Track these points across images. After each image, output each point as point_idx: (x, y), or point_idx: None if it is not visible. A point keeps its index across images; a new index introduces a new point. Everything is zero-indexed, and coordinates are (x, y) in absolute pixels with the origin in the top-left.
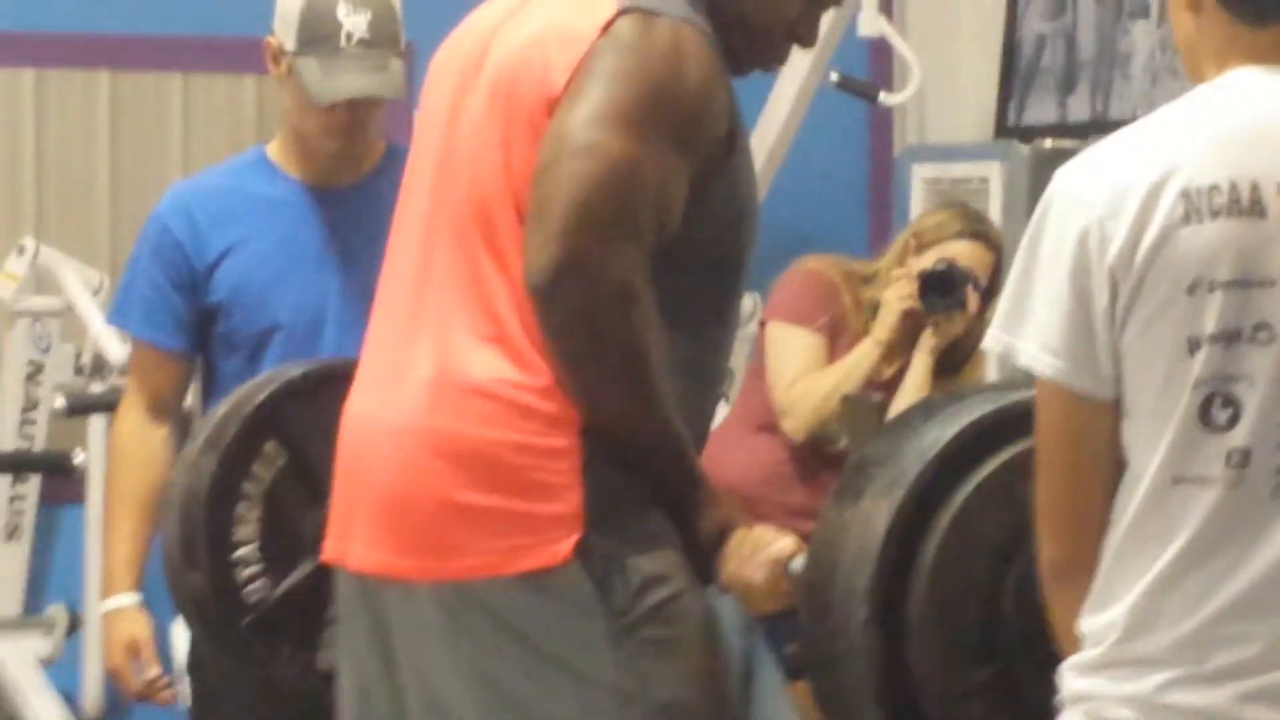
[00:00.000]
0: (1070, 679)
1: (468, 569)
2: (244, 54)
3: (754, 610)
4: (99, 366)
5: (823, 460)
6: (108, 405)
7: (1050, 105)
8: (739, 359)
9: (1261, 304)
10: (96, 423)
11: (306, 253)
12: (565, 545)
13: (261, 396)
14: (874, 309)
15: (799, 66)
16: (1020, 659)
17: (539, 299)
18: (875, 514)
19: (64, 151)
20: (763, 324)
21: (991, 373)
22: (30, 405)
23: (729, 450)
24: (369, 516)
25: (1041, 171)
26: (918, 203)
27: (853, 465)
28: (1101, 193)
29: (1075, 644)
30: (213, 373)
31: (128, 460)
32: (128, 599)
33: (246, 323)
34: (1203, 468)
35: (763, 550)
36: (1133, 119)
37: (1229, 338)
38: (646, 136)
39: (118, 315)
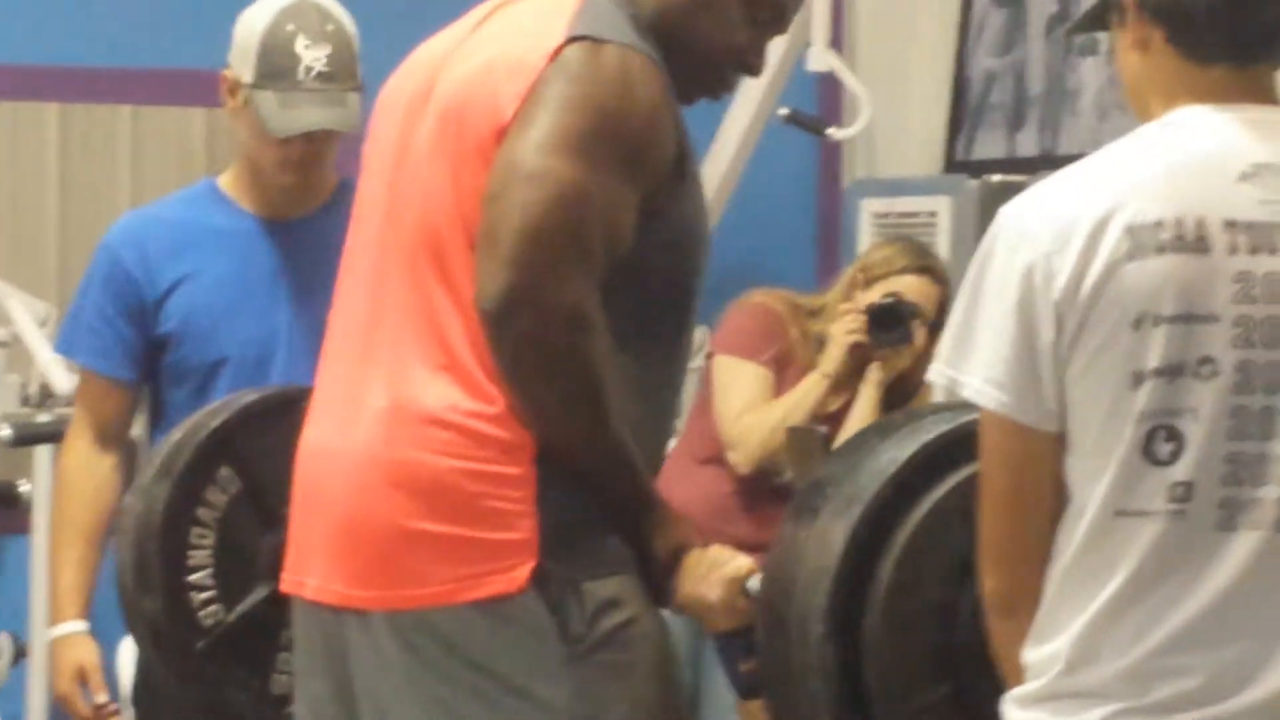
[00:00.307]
0: (1013, 711)
1: (424, 598)
2: (193, 87)
3: (710, 628)
4: (45, 397)
5: (769, 493)
6: (54, 436)
7: (999, 140)
8: (686, 391)
9: (1205, 339)
10: (42, 453)
11: (258, 285)
12: (521, 572)
13: (215, 422)
14: (821, 343)
15: (749, 100)
16: (976, 679)
17: (491, 325)
18: (832, 532)
19: (12, 183)
20: (710, 356)
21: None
22: None
23: (675, 482)
24: (325, 546)
25: (990, 206)
26: (866, 236)
27: (810, 484)
28: (1047, 228)
29: (1019, 675)
30: (160, 403)
31: (75, 489)
32: (76, 626)
33: (196, 354)
34: (1145, 501)
35: (719, 569)
36: (1081, 154)
37: (1173, 372)
38: (595, 163)
39: (65, 344)
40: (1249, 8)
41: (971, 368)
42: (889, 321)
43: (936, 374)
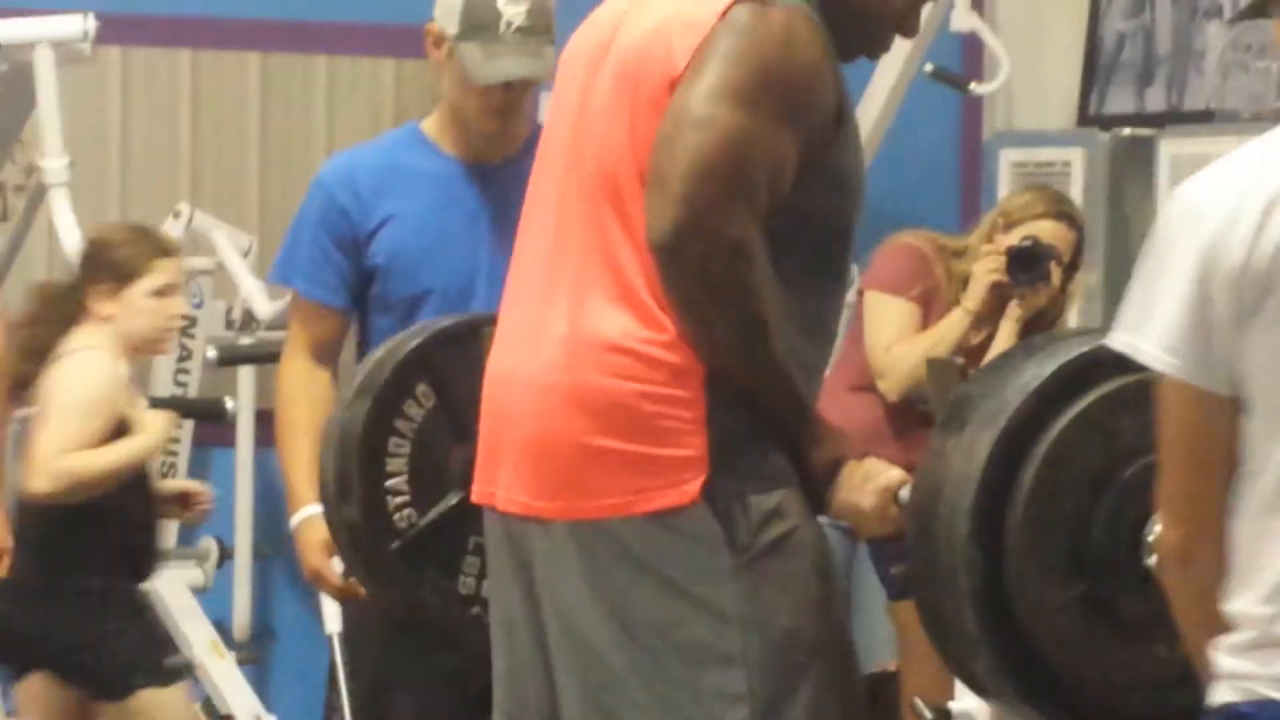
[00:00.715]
0: (1223, 659)
1: (602, 509)
2: (383, 39)
3: (864, 535)
4: (248, 321)
5: (916, 418)
6: (256, 358)
7: (1129, 96)
8: (840, 324)
9: None
10: (245, 373)
11: (460, 223)
12: (692, 486)
13: (414, 343)
14: (964, 281)
15: (896, 58)
16: (1108, 580)
17: (661, 256)
18: (978, 441)
19: (217, 126)
20: (861, 293)
21: None
22: (184, 356)
23: (829, 408)
24: (512, 462)
25: (1120, 157)
26: (1005, 184)
27: (958, 397)
28: (1221, 207)
29: (1195, 620)
30: (367, 330)
31: (299, 398)
32: (314, 509)
33: (402, 286)
34: None
35: (873, 480)
36: (1205, 110)
37: None
38: (758, 110)
39: (281, 272)
40: None
41: (1149, 335)
42: (1027, 262)
43: (1116, 340)
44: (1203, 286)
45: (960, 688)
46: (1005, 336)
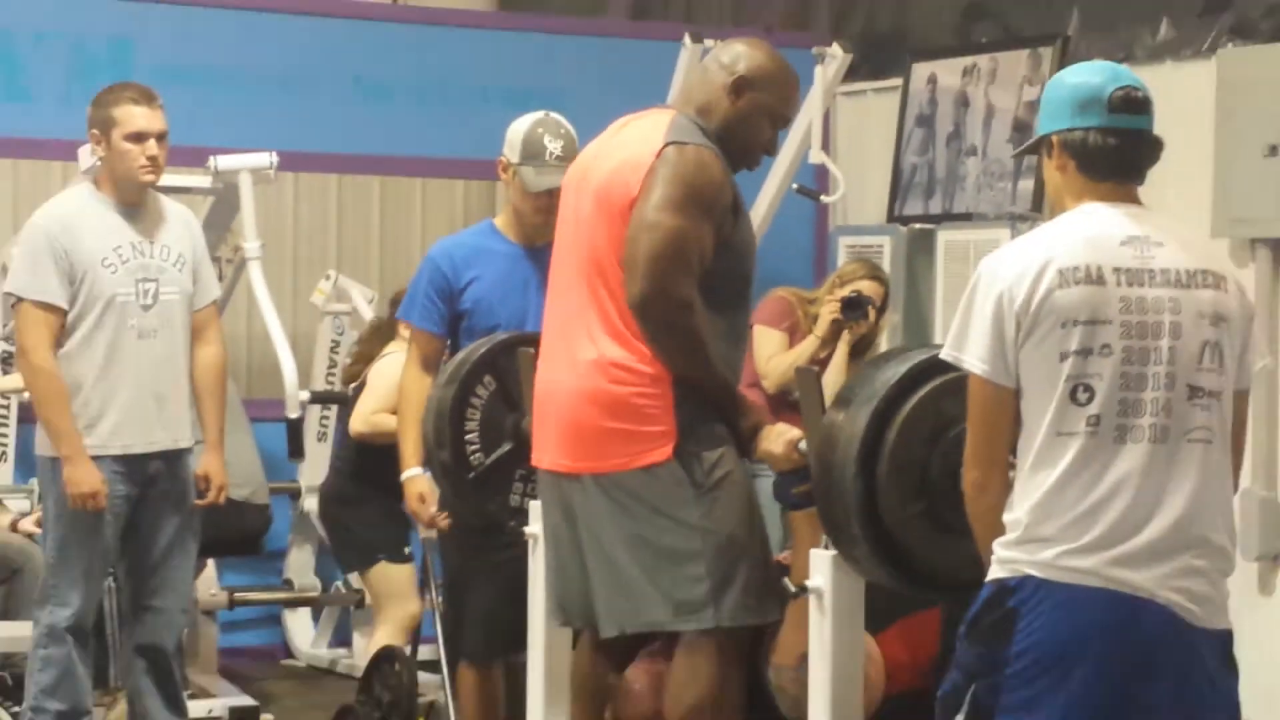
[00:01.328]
0: (1000, 550)
1: (614, 466)
2: (457, 168)
3: (777, 469)
4: None
5: (785, 404)
6: None
7: (919, 203)
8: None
9: (1103, 334)
10: None
11: (518, 283)
12: (667, 449)
13: (483, 349)
14: (815, 319)
15: (774, 179)
16: (940, 501)
17: (636, 314)
18: (860, 413)
19: (353, 224)
20: (750, 327)
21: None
22: (331, 365)
23: None
24: (555, 439)
25: (913, 242)
26: (841, 258)
27: (845, 387)
28: (1011, 270)
29: (986, 526)
30: (457, 350)
31: (414, 394)
32: (417, 470)
33: (481, 322)
34: (1072, 426)
35: (783, 435)
36: (966, 213)
37: (1085, 352)
38: (686, 214)
39: (404, 313)
40: (1124, 152)
41: (967, 350)
42: (854, 307)
43: (946, 354)
44: (998, 320)
45: (813, 569)
46: (840, 354)
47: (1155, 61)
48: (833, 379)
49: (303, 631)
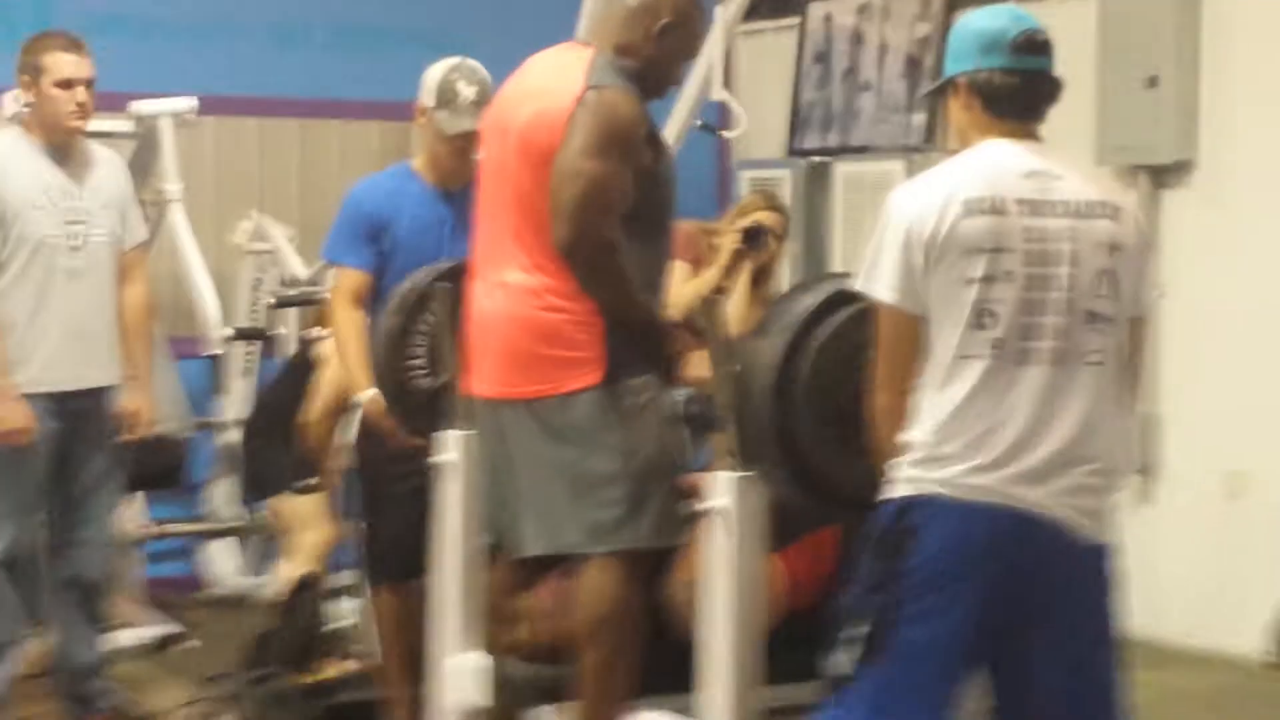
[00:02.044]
0: (904, 469)
1: (544, 390)
2: (375, 110)
3: (699, 387)
4: (292, 281)
5: (692, 330)
6: (299, 303)
7: (817, 137)
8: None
9: (1007, 261)
10: (292, 313)
11: (434, 223)
12: (596, 374)
13: (430, 278)
14: (718, 249)
15: (679, 115)
16: (851, 423)
17: (565, 255)
18: (777, 341)
19: (273, 165)
20: None
21: (783, 287)
22: (254, 303)
23: None
24: (490, 365)
25: (811, 174)
26: (743, 190)
27: (764, 316)
28: (918, 203)
29: (889, 448)
30: (380, 288)
31: (351, 326)
32: (372, 389)
33: (401, 262)
34: (976, 349)
35: (704, 360)
36: (863, 146)
37: (989, 279)
38: (607, 157)
39: (331, 253)
40: (1027, 91)
41: (877, 280)
42: (754, 237)
43: (859, 285)
44: (907, 251)
45: (717, 489)
46: (742, 282)
47: None
48: (735, 307)
49: (225, 562)
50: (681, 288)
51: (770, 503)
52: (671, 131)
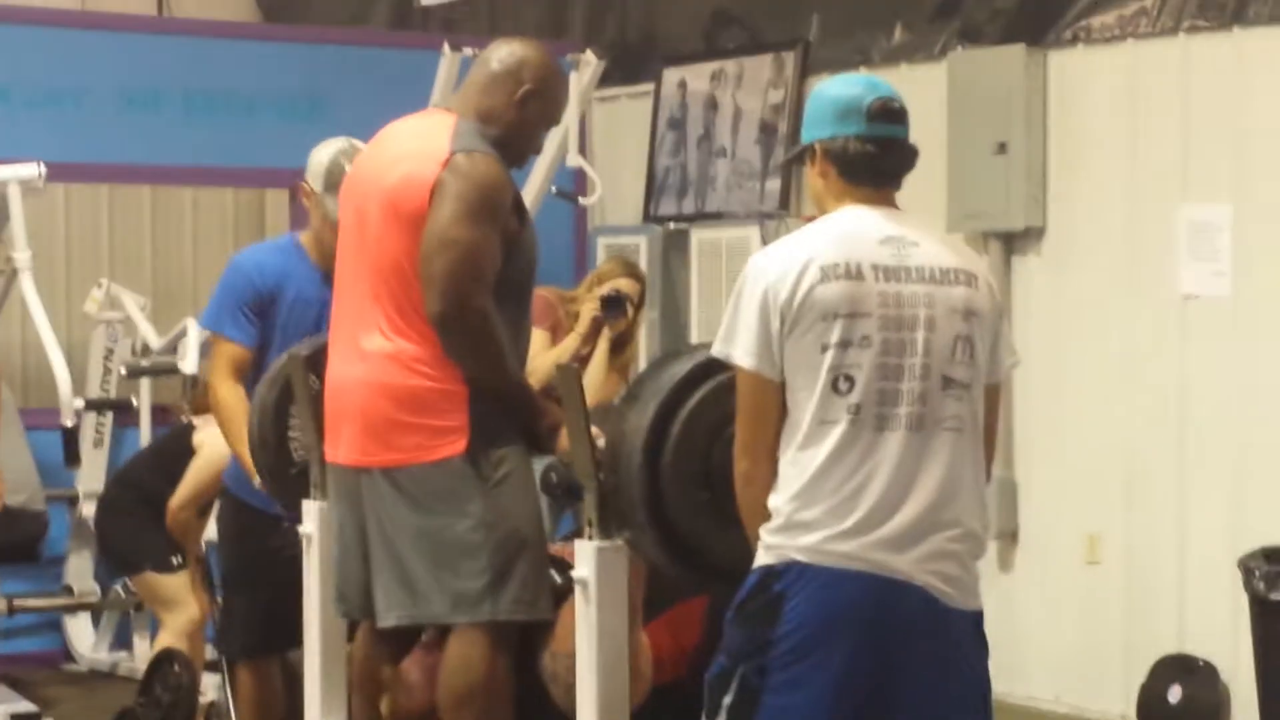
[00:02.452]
0: (766, 537)
1: (404, 459)
2: (230, 177)
3: (559, 458)
4: (145, 350)
5: (550, 398)
6: (152, 372)
7: (673, 203)
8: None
9: (863, 326)
10: (145, 382)
11: (315, 304)
12: (459, 444)
13: (305, 351)
14: (576, 316)
15: (535, 182)
16: (720, 491)
17: (436, 327)
18: (647, 408)
19: (125, 232)
20: None
21: (641, 353)
22: (106, 372)
23: None
24: (349, 432)
25: (668, 240)
26: (600, 257)
27: (632, 384)
28: (775, 268)
29: (755, 515)
30: (263, 361)
31: (233, 401)
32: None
33: (282, 334)
34: (835, 415)
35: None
36: (718, 212)
37: (845, 344)
38: (478, 225)
39: (213, 323)
40: (882, 158)
41: (736, 346)
42: (613, 304)
43: (716, 350)
44: (764, 315)
45: (579, 559)
46: (601, 350)
47: (891, 65)
48: (593, 375)
49: (83, 636)
50: (541, 356)
51: (639, 572)
52: (528, 198)
